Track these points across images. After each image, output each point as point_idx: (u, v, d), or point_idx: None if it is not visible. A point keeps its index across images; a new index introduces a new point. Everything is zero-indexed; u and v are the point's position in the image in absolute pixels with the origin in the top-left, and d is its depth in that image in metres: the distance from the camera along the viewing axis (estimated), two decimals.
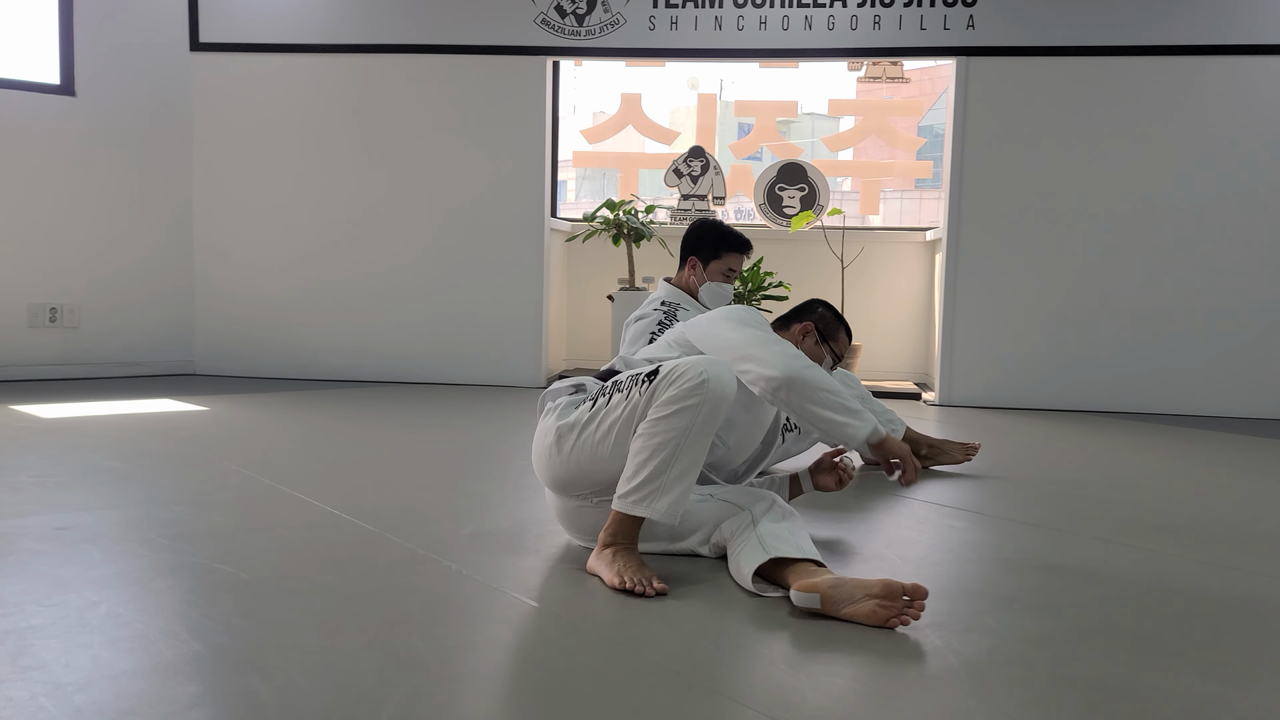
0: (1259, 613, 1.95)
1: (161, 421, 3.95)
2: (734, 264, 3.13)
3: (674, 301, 3.11)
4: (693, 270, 3.16)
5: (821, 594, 1.80)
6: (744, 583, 1.95)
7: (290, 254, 5.61)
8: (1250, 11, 4.89)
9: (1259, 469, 3.66)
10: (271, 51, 5.51)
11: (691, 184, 6.29)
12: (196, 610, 1.76)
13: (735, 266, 3.14)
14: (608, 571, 1.96)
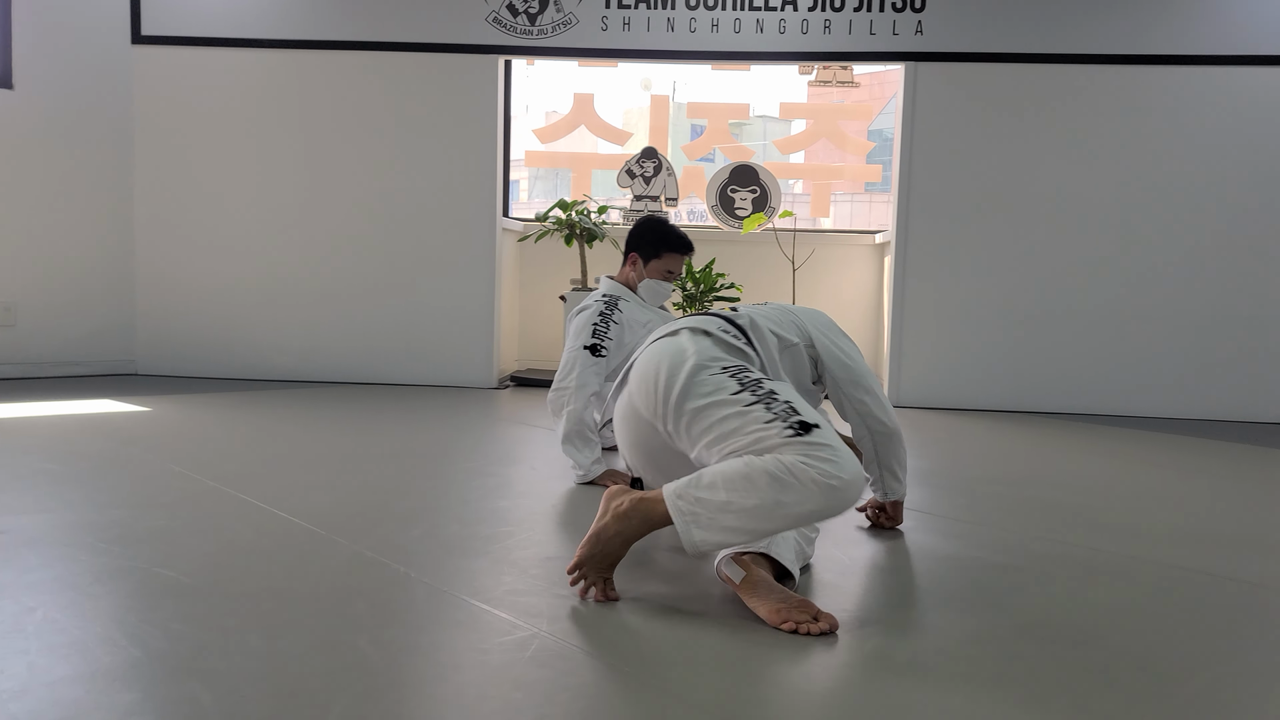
0: (1194, 608, 2.00)
1: (101, 422, 3.86)
2: (673, 265, 3.16)
3: (615, 294, 3.14)
4: (633, 267, 3.19)
5: (747, 575, 1.83)
6: (716, 554, 1.92)
7: (236, 252, 5.52)
8: (1188, 24, 5.02)
9: (1196, 469, 3.75)
10: (217, 45, 5.42)
11: (644, 185, 6.30)
12: (136, 615, 1.72)
13: (674, 268, 3.17)
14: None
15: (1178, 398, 5.15)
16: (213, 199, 5.51)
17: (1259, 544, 2.57)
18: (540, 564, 2.13)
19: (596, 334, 2.99)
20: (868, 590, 2.07)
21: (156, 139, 5.49)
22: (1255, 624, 1.93)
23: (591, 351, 2.97)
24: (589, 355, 2.97)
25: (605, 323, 3.02)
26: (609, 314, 3.04)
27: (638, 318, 3.11)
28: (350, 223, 5.49)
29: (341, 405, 4.61)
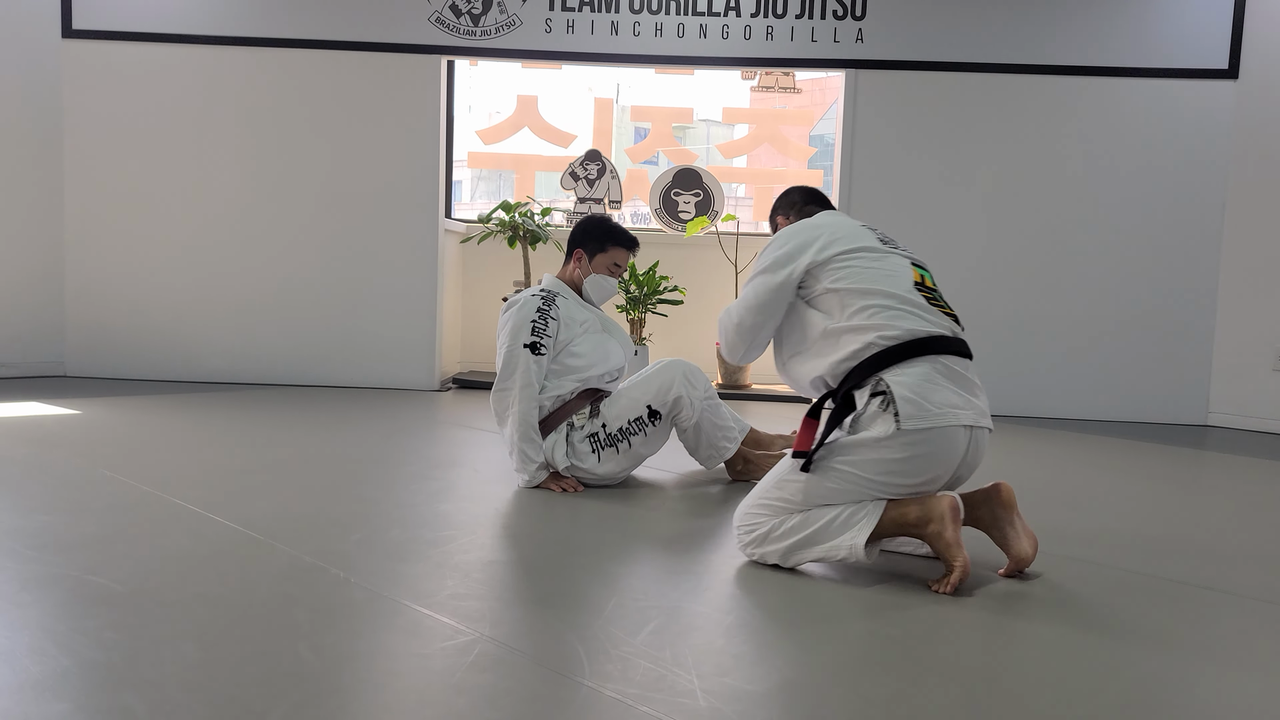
0: (1124, 611, 2.06)
1: (28, 426, 3.76)
2: (619, 259, 3.13)
3: (553, 290, 3.07)
4: (578, 263, 3.14)
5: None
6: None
7: (169, 251, 5.40)
8: (1122, 37, 5.16)
9: (1118, 468, 3.86)
10: (152, 41, 5.30)
11: (588, 187, 6.30)
12: (66, 624, 1.68)
13: (621, 262, 3.13)
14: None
15: (1100, 400, 5.29)
16: (146, 197, 5.38)
17: (1186, 543, 2.65)
18: (483, 568, 2.13)
19: (536, 331, 2.92)
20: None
21: (87, 136, 5.36)
22: (1182, 622, 1.99)
23: (531, 350, 2.90)
24: (529, 354, 2.90)
25: (544, 319, 2.94)
26: (547, 310, 2.96)
27: (575, 315, 3.04)
28: (288, 222, 5.41)
29: (279, 408, 4.54)
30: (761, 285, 2.32)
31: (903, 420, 2.03)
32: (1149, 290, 5.26)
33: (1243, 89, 5.11)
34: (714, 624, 1.83)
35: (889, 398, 2.06)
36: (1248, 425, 5.10)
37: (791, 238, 2.33)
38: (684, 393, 2.96)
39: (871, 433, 2.07)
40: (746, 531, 2.25)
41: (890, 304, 2.17)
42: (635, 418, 2.96)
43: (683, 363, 3.03)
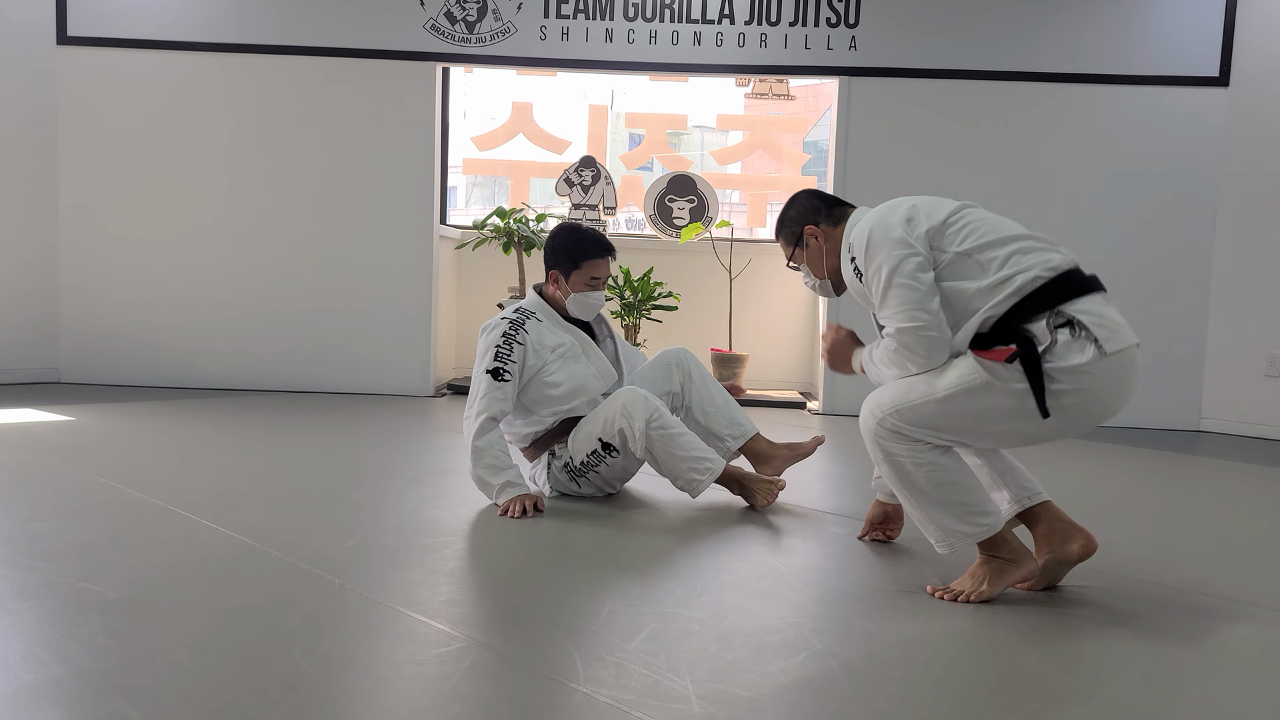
0: (1117, 613, 2.06)
1: (22, 432, 3.75)
2: (596, 271, 2.92)
3: (527, 313, 2.92)
4: (556, 285, 2.96)
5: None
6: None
7: (164, 257, 5.40)
8: (1114, 44, 5.19)
9: (1108, 474, 3.87)
10: (146, 47, 5.30)
11: (582, 193, 6.31)
12: (59, 632, 1.68)
13: (599, 273, 2.92)
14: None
15: None
16: (141, 203, 5.38)
17: (1181, 549, 2.66)
18: (477, 574, 2.13)
19: (499, 357, 2.80)
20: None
21: (82, 142, 5.35)
22: (1173, 628, 2.00)
23: (493, 376, 2.79)
24: (490, 380, 2.79)
25: (509, 344, 2.81)
26: (513, 335, 2.83)
27: (546, 340, 2.88)
28: (284, 228, 5.41)
29: (274, 414, 4.54)
30: (905, 281, 2.05)
31: (1105, 343, 1.98)
32: (1141, 297, 5.27)
33: (1234, 96, 5.14)
34: (708, 630, 1.83)
35: (1078, 326, 2.00)
36: (1240, 431, 5.12)
37: (889, 228, 2.10)
38: (624, 426, 2.77)
39: (1071, 362, 1.97)
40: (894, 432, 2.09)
41: (1030, 244, 2.10)
42: (591, 451, 2.85)
43: (630, 391, 2.81)
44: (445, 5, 5.29)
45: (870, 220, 2.16)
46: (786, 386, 6.25)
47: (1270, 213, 5.07)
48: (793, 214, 2.41)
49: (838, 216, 2.35)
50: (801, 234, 2.38)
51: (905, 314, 2.05)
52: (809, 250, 2.38)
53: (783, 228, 2.45)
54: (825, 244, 2.35)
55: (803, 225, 2.37)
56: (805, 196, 2.43)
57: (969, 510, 2.08)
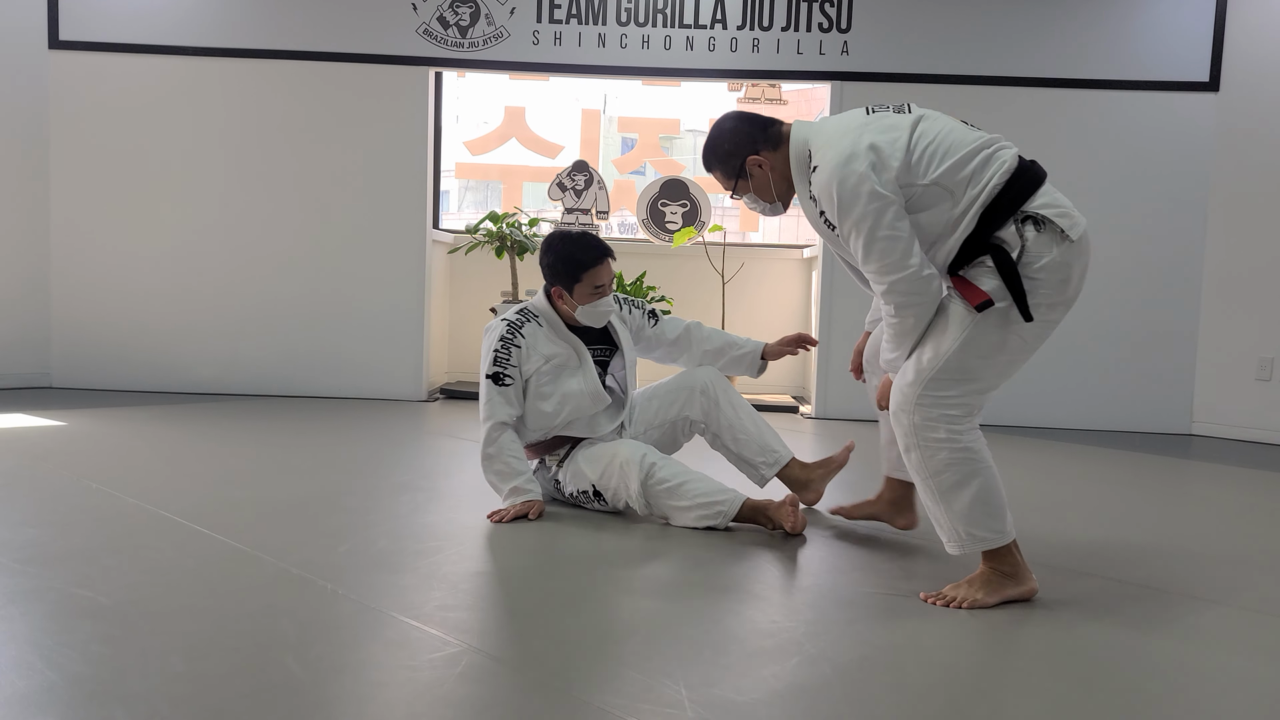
0: (1110, 616, 2.07)
1: (14, 438, 3.74)
2: (599, 279, 2.78)
3: (529, 315, 2.83)
4: (561, 300, 2.83)
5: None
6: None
7: (155, 261, 5.38)
8: (1104, 50, 5.21)
9: (1099, 477, 3.89)
10: (138, 52, 5.29)
11: (575, 198, 6.31)
12: (52, 638, 1.68)
13: (601, 280, 2.78)
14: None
15: (1084, 410, 5.32)
16: (132, 208, 5.37)
17: (1172, 552, 2.67)
18: (470, 579, 2.13)
19: (498, 361, 2.76)
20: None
21: (73, 146, 5.34)
22: (1168, 630, 2.01)
23: (494, 381, 2.76)
24: (492, 385, 2.76)
25: (506, 348, 2.77)
26: (510, 338, 2.78)
27: (541, 349, 2.79)
28: (276, 232, 5.40)
29: (266, 419, 4.53)
30: (887, 234, 2.03)
31: (1070, 231, 2.05)
32: (1133, 301, 5.29)
33: (1223, 101, 5.17)
34: (701, 634, 1.84)
35: (1042, 221, 2.06)
36: (1231, 434, 5.14)
37: (859, 180, 2.03)
38: (616, 485, 2.71)
39: (1045, 259, 2.04)
40: (932, 411, 2.08)
41: (984, 152, 2.10)
42: (582, 490, 2.81)
43: (626, 447, 2.71)
44: (438, 10, 5.30)
45: (832, 164, 2.08)
46: (780, 391, 6.26)
47: (1260, 216, 5.10)
48: (728, 148, 2.32)
49: (775, 137, 2.29)
50: (743, 166, 2.30)
51: (894, 264, 2.04)
52: (754, 180, 2.30)
53: (720, 162, 2.35)
54: (771, 170, 2.28)
55: (743, 158, 2.29)
56: (734, 124, 2.34)
57: (990, 514, 2.07)
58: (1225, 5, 5.14)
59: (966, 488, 2.06)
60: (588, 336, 2.89)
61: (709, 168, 2.41)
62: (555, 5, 5.31)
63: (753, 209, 2.41)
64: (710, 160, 2.38)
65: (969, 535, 2.08)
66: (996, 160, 2.10)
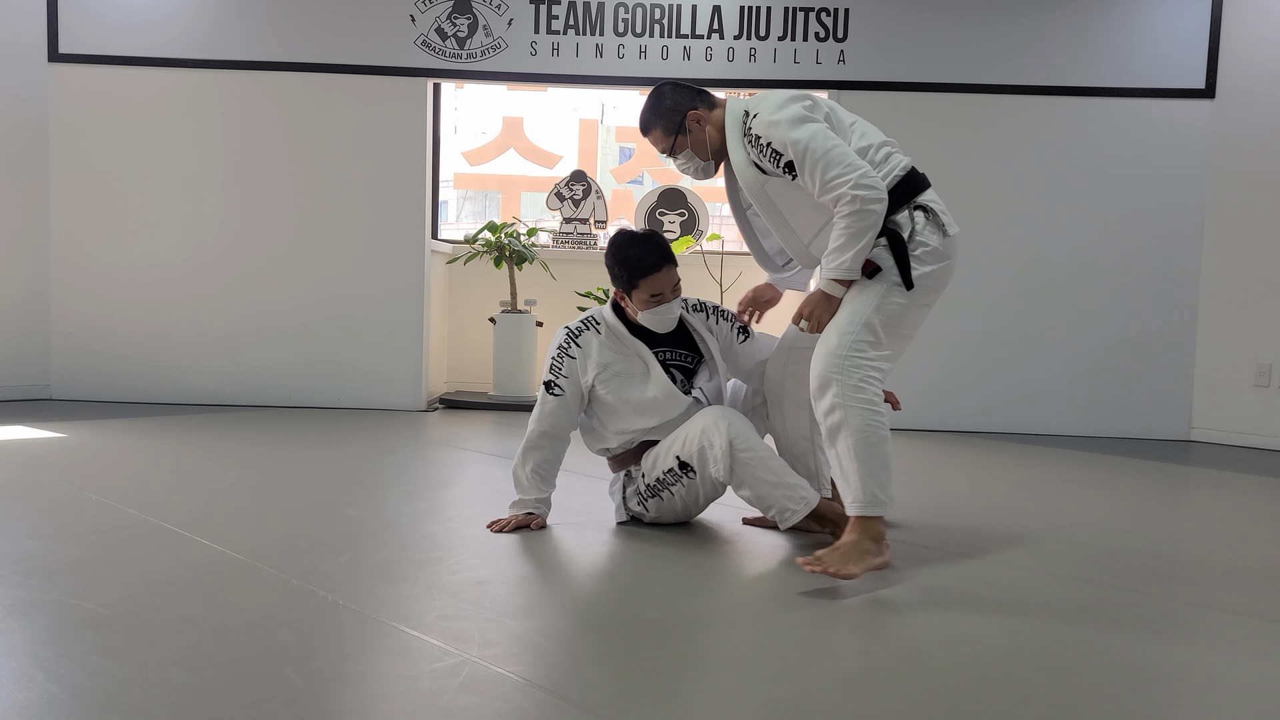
0: (1108, 624, 2.07)
1: (14, 449, 3.74)
2: (655, 287, 2.64)
3: (591, 323, 2.74)
4: (625, 303, 2.74)
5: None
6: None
7: (155, 272, 5.39)
8: (1099, 57, 5.23)
9: (1099, 484, 3.89)
10: (138, 64, 5.31)
11: (573, 207, 6.33)
12: (52, 650, 1.68)
13: (659, 288, 2.65)
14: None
15: (1082, 417, 5.32)
16: (131, 219, 5.38)
17: (1171, 559, 2.68)
18: (471, 588, 2.13)
19: (552, 369, 2.70)
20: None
21: (73, 159, 5.36)
22: (1168, 637, 2.01)
23: (545, 388, 2.69)
24: (544, 393, 2.70)
25: (561, 357, 2.69)
26: (565, 348, 2.70)
27: (597, 357, 2.69)
28: (275, 243, 5.41)
29: (265, 429, 4.53)
30: (835, 143, 2.30)
31: (948, 228, 2.36)
32: (1130, 307, 5.31)
33: (1219, 108, 5.19)
34: (708, 641, 1.84)
35: (930, 212, 2.36)
36: (1230, 440, 5.15)
37: (797, 111, 2.33)
38: (704, 445, 2.55)
39: (931, 243, 2.34)
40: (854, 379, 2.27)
41: (888, 147, 2.41)
42: (667, 469, 2.65)
43: (715, 409, 2.60)
44: (436, 21, 5.32)
45: (773, 105, 2.33)
46: None
47: (1256, 222, 5.12)
48: (669, 104, 2.50)
49: (711, 101, 2.51)
50: (683, 122, 2.48)
51: (852, 164, 2.26)
52: (692, 135, 2.48)
53: (660, 119, 2.52)
54: (709, 126, 2.47)
55: (684, 113, 2.48)
56: (672, 88, 2.54)
57: (891, 479, 2.28)
58: (1221, 12, 5.16)
59: (882, 449, 2.26)
60: (668, 342, 2.77)
61: (648, 128, 2.57)
62: (553, 16, 5.33)
63: (684, 170, 2.60)
64: (650, 119, 2.55)
65: (874, 497, 2.24)
66: (896, 156, 2.42)
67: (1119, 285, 5.31)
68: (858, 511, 2.24)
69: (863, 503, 2.24)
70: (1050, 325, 5.34)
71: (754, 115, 2.37)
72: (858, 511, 2.24)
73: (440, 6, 5.31)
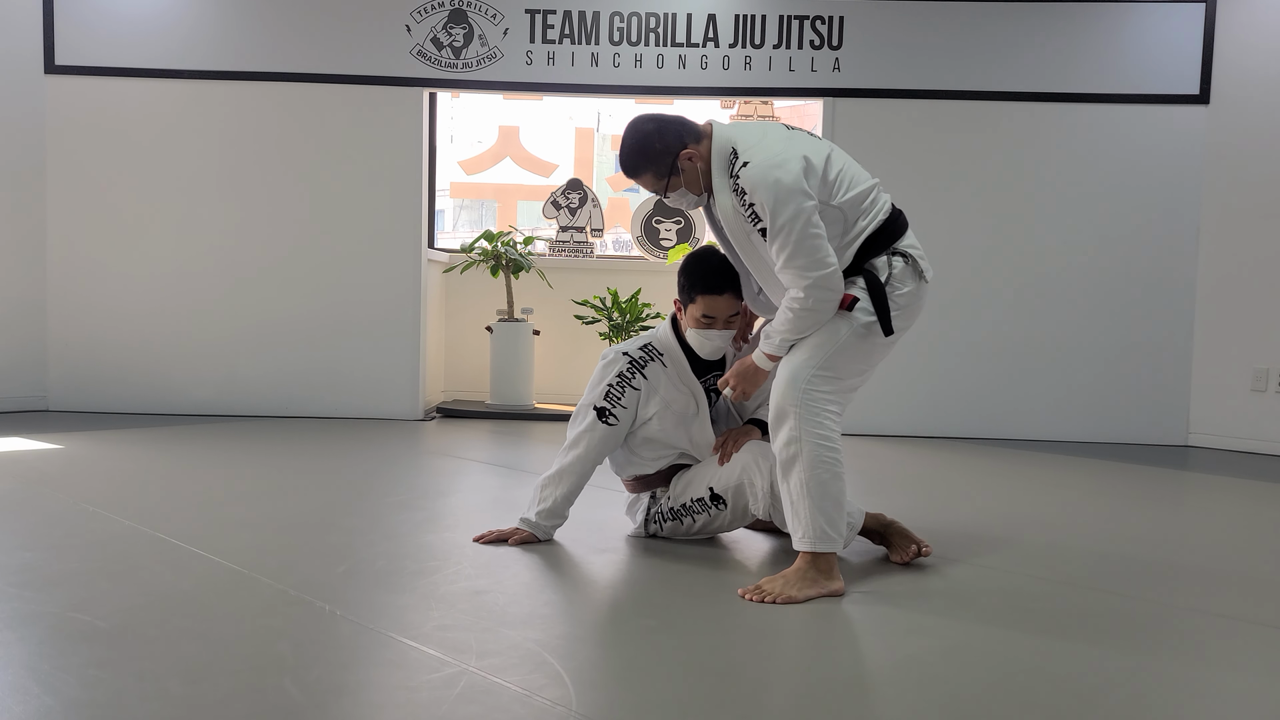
0: (1110, 630, 2.07)
1: (10, 461, 3.73)
2: (708, 308, 2.55)
3: (655, 353, 2.66)
4: (680, 314, 2.67)
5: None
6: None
7: (151, 284, 5.39)
8: (1094, 64, 5.25)
9: (1101, 490, 3.89)
10: (135, 76, 5.31)
11: (570, 216, 6.34)
12: (49, 662, 1.67)
13: (712, 311, 2.56)
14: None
15: (1080, 422, 5.32)
16: (128, 231, 5.38)
17: (1171, 565, 2.67)
18: (468, 598, 2.13)
19: (609, 397, 2.61)
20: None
21: (70, 170, 5.35)
22: (1168, 644, 2.01)
23: (599, 415, 2.61)
24: (595, 419, 2.61)
25: (622, 386, 2.61)
26: (629, 377, 2.61)
27: (663, 393, 2.62)
28: (272, 253, 5.41)
29: (263, 440, 4.52)
30: (816, 231, 2.20)
31: (925, 273, 2.38)
32: (1127, 313, 5.31)
33: (1214, 114, 5.20)
34: (708, 650, 1.83)
35: (908, 258, 2.36)
36: (1228, 445, 5.15)
37: (794, 178, 2.20)
38: (739, 482, 2.55)
39: (907, 288, 2.34)
40: (811, 414, 2.24)
41: (874, 192, 2.38)
42: (697, 498, 2.63)
43: (759, 445, 2.57)
44: (432, 31, 5.33)
45: (766, 163, 2.23)
46: None
47: (1252, 227, 5.13)
48: (658, 148, 2.37)
49: (696, 132, 2.40)
50: (675, 163, 2.37)
51: (819, 261, 2.21)
52: (686, 174, 2.38)
53: (651, 163, 2.39)
54: (699, 161, 2.37)
55: (676, 155, 2.36)
56: (658, 125, 2.40)
57: (841, 516, 2.27)
58: (1214, 18, 5.18)
59: (834, 485, 2.24)
60: (710, 369, 2.71)
61: (636, 172, 2.44)
62: (548, 25, 5.34)
63: (677, 205, 2.50)
64: (638, 163, 2.42)
65: (823, 533, 2.22)
66: (881, 200, 2.39)
67: (1116, 291, 5.31)
68: (806, 547, 2.22)
69: (811, 538, 2.22)
70: (1047, 331, 5.34)
71: (743, 163, 2.25)
72: (806, 547, 2.22)
73: (436, 16, 5.32)
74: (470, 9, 5.32)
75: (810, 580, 2.20)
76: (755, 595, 2.18)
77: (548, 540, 2.67)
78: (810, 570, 2.22)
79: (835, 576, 2.24)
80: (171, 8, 5.30)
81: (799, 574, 2.22)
